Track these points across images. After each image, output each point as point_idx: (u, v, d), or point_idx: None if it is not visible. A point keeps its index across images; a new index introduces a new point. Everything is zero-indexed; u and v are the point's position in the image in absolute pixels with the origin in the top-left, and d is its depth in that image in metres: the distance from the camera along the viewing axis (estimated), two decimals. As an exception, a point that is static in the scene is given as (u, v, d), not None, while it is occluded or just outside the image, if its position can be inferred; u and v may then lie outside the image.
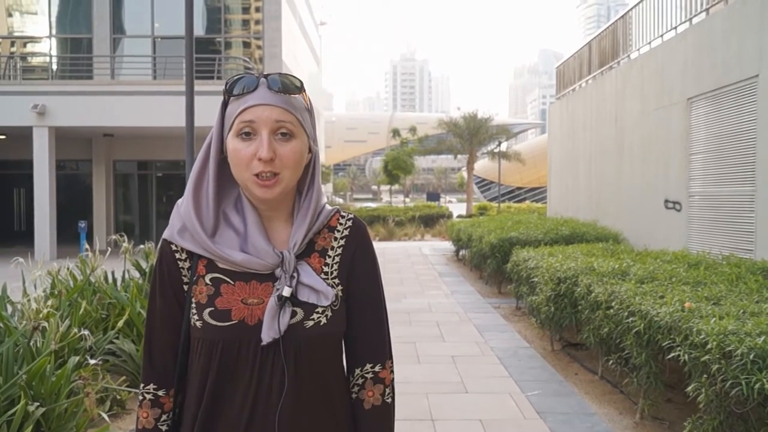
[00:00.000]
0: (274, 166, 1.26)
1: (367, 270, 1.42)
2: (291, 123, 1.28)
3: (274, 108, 1.27)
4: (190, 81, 9.69)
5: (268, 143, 1.25)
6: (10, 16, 21.00)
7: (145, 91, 16.57)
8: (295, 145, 1.28)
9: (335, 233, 1.41)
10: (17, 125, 16.54)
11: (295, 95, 1.30)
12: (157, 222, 20.89)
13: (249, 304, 1.30)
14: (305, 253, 1.37)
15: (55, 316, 4.61)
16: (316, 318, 1.31)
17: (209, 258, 1.33)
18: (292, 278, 1.31)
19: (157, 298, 1.39)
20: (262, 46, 20.07)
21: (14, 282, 5.76)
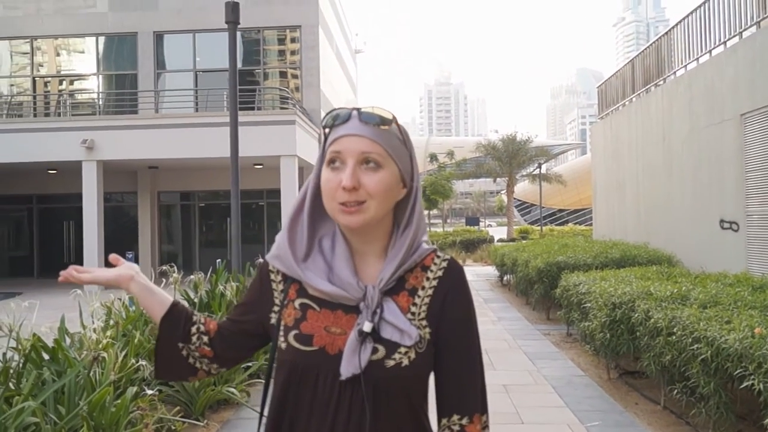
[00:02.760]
0: (358, 195, 1.27)
1: (459, 315, 1.37)
2: (378, 154, 1.28)
3: (361, 138, 1.28)
4: (234, 113, 9.82)
5: (352, 172, 1.26)
6: (59, 56, 21.64)
7: (187, 124, 16.85)
8: (381, 176, 1.28)
9: (428, 273, 1.37)
10: (67, 160, 16.94)
11: (385, 127, 1.30)
12: (199, 251, 21.10)
13: (332, 332, 1.31)
14: (394, 290, 1.34)
15: (113, 346, 4.63)
16: (398, 358, 1.28)
17: (301, 283, 1.37)
18: (375, 314, 1.29)
19: (243, 303, 1.48)
20: (299, 76, 20.28)
21: (68, 312, 5.81)
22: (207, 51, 20.36)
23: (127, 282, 1.48)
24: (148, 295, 1.49)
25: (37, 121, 18.48)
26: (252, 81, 20.51)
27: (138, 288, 1.48)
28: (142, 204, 20.66)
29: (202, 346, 1.47)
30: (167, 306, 1.48)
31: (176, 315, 1.48)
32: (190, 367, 1.49)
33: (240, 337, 1.47)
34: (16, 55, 21.48)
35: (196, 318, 1.49)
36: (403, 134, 1.34)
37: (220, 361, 1.50)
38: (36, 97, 21.63)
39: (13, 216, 22.38)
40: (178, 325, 1.47)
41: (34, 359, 4.49)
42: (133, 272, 1.50)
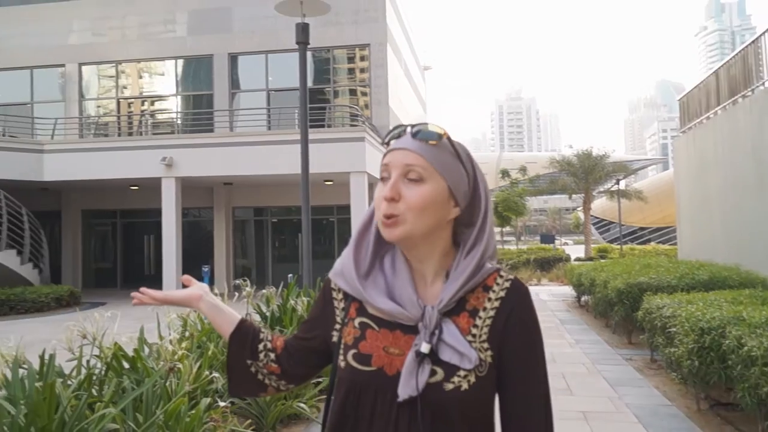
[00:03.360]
0: (396, 208, 1.27)
1: (523, 338, 1.32)
2: (421, 167, 1.27)
3: (406, 152, 1.28)
4: (304, 130, 9.94)
5: (393, 184, 1.27)
6: (141, 78, 22.53)
7: (260, 141, 17.18)
8: (422, 190, 1.27)
9: (489, 293, 1.33)
10: (148, 177, 17.55)
11: (433, 142, 1.28)
12: (272, 266, 21.43)
13: (390, 353, 1.29)
14: (454, 311, 1.31)
15: (188, 357, 4.72)
16: (457, 381, 1.25)
17: (361, 302, 1.36)
18: (433, 335, 1.26)
19: (307, 320, 1.49)
20: (368, 94, 20.43)
21: (147, 323, 5.96)
22: (279, 71, 20.79)
23: (196, 301, 1.53)
24: (217, 314, 1.53)
25: (120, 140, 19.26)
26: (322, 99, 20.79)
27: (207, 307, 1.53)
28: (217, 219, 21.18)
29: (269, 363, 1.49)
30: (235, 324, 1.52)
31: (244, 333, 1.51)
32: (260, 383, 1.51)
33: (305, 354, 1.48)
34: (103, 78, 22.48)
35: (263, 335, 1.51)
36: (459, 152, 1.32)
37: (288, 378, 1.51)
38: (120, 118, 22.55)
39: (99, 230, 23.34)
40: (245, 343, 1.50)
41: (115, 367, 4.63)
42: (202, 292, 1.54)
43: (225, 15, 21.03)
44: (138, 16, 21.66)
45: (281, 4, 10.20)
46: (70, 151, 18.10)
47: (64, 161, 17.95)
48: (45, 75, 22.19)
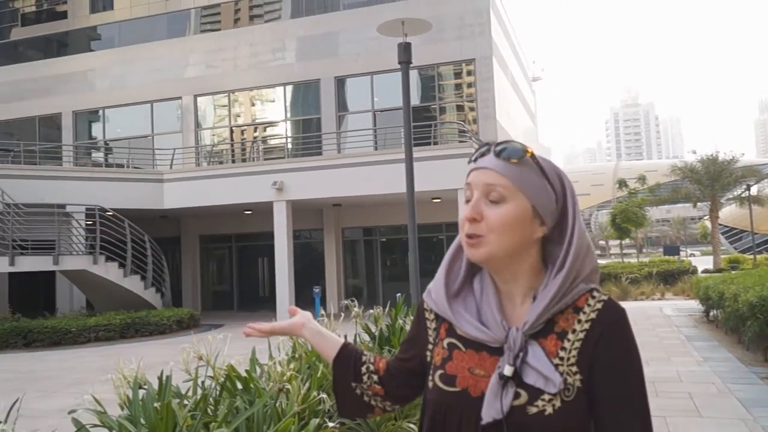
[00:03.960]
0: (478, 228, 1.26)
1: (616, 361, 1.24)
2: (503, 187, 1.25)
3: (487, 171, 1.27)
4: (408, 149, 9.92)
5: (474, 204, 1.26)
6: (253, 106, 23.41)
7: (367, 162, 17.35)
8: (504, 210, 1.25)
9: (580, 315, 1.27)
10: (260, 201, 18.11)
11: (515, 160, 1.26)
12: (382, 285, 21.53)
13: (475, 374, 1.28)
14: (541, 333, 1.27)
15: (297, 378, 4.76)
16: (541, 405, 1.20)
17: (450, 322, 1.36)
18: (517, 357, 1.24)
19: (405, 341, 1.51)
20: (475, 108, 20.24)
21: (259, 345, 6.09)
22: (384, 91, 20.99)
23: (300, 329, 1.59)
24: (320, 339, 1.59)
25: (234, 166, 20.02)
26: (429, 116, 20.78)
27: (310, 333, 1.59)
28: (327, 240, 21.55)
29: (372, 385, 1.51)
30: (338, 348, 1.56)
31: (346, 356, 1.55)
32: (366, 404, 1.53)
33: (406, 374, 1.48)
34: (217, 107, 23.53)
35: (365, 358, 1.54)
36: (545, 169, 1.28)
37: (392, 399, 1.52)
38: (233, 145, 23.49)
39: (216, 254, 24.34)
40: (348, 366, 1.53)
41: (228, 388, 4.74)
42: (305, 320, 1.60)
43: (331, 40, 21.53)
44: (248, 47, 22.56)
45: (383, 25, 10.29)
46: (187, 179, 19.04)
47: (182, 189, 18.89)
48: (164, 108, 23.51)
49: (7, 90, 25.30)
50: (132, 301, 16.59)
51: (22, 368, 11.69)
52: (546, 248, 1.32)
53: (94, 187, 18.24)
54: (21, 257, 15.45)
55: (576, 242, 1.27)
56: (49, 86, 24.75)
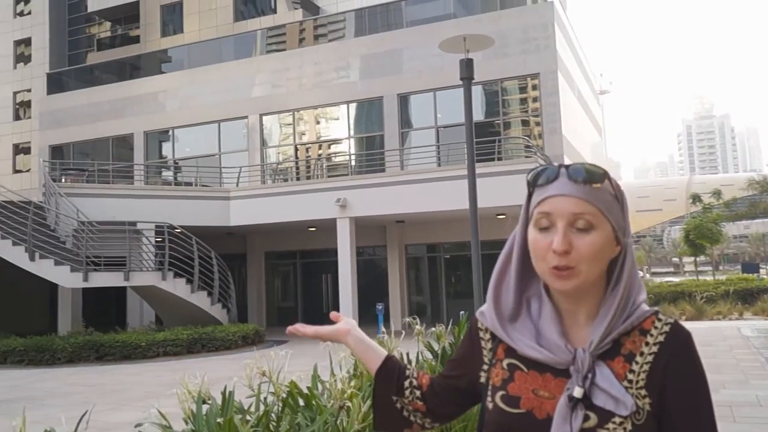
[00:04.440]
0: (569, 260, 1.22)
1: (685, 386, 1.23)
2: (590, 214, 1.22)
3: (571, 199, 1.23)
4: (471, 165, 9.81)
5: (563, 235, 1.22)
6: (318, 124, 23.71)
7: (430, 178, 17.28)
8: (594, 238, 1.22)
9: (647, 337, 1.26)
10: (324, 218, 18.27)
11: (597, 185, 1.23)
12: (447, 303, 21.33)
13: (539, 396, 1.27)
14: (608, 355, 1.25)
15: (357, 396, 4.74)
16: (612, 428, 1.19)
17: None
18: (586, 379, 1.22)
19: (453, 359, 1.49)
20: (540, 123, 19.95)
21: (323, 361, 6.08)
22: (447, 107, 20.91)
23: (344, 336, 1.57)
24: (364, 349, 1.57)
25: (298, 184, 20.26)
26: (493, 132, 20.58)
27: (354, 341, 1.57)
28: (390, 257, 21.52)
29: (414, 400, 1.50)
30: (382, 359, 1.54)
31: (390, 369, 1.53)
32: (405, 419, 1.51)
33: (451, 392, 1.47)
34: (283, 126, 23.92)
35: (409, 372, 1.53)
36: (615, 189, 1.26)
37: (432, 416, 1.50)
38: (298, 163, 23.81)
39: (281, 270, 24.64)
40: (391, 379, 1.51)
41: (290, 404, 4.75)
42: (350, 327, 1.58)
43: (394, 57, 21.62)
44: (313, 66, 22.88)
45: (445, 42, 10.26)
46: (253, 196, 19.38)
47: (248, 206, 19.22)
48: (230, 127, 24.03)
49: (84, 112, 26.35)
50: (199, 317, 16.91)
51: (93, 381, 12.03)
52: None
53: (164, 204, 18.77)
54: (94, 273, 15.96)
55: (630, 258, 1.26)
56: (123, 108, 25.67)
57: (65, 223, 17.29)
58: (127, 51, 32.73)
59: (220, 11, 31.64)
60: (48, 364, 14.13)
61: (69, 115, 26.69)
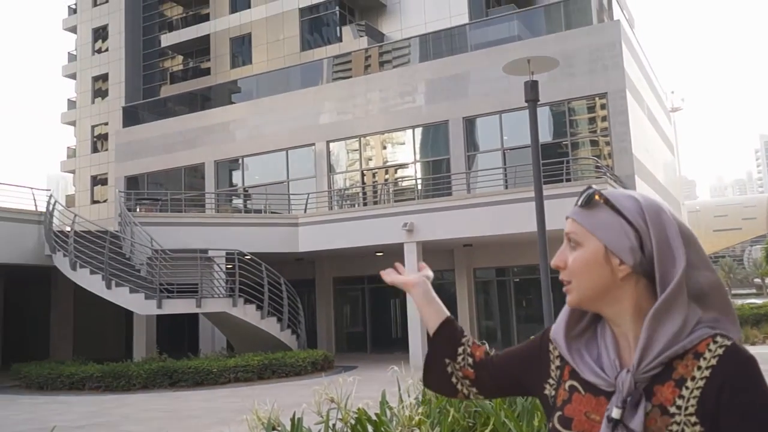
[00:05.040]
0: (564, 274, 1.33)
1: (743, 414, 1.15)
2: (576, 233, 1.32)
3: (568, 220, 1.35)
4: (538, 187, 9.64)
5: (559, 252, 1.34)
6: (384, 149, 23.83)
7: (498, 201, 17.10)
8: (577, 254, 1.30)
9: (700, 361, 1.21)
10: (391, 243, 18.27)
11: (592, 207, 1.31)
12: (517, 327, 20.93)
13: (590, 419, 1.27)
14: (659, 379, 1.22)
15: (426, 423, 4.66)
16: None
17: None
18: (626, 400, 1.21)
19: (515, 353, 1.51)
20: (610, 143, 19.51)
21: (392, 387, 6.01)
22: (513, 129, 20.71)
23: (411, 286, 1.64)
24: (426, 304, 1.61)
25: (365, 209, 20.36)
26: (561, 153, 20.24)
27: (418, 294, 1.62)
28: (459, 281, 21.31)
29: (465, 367, 1.54)
30: (442, 318, 1.59)
31: (448, 330, 1.58)
32: (452, 385, 1.56)
33: (501, 374, 1.51)
34: (349, 152, 24.15)
35: (465, 339, 1.56)
36: (621, 209, 1.29)
37: (479, 386, 1.54)
38: (364, 188, 23.95)
39: (349, 295, 24.71)
40: (448, 342, 1.56)
41: (359, 431, 4.69)
42: (420, 280, 1.64)
43: (459, 81, 21.60)
44: (378, 92, 23.08)
45: (509, 65, 10.21)
46: (321, 222, 19.57)
47: (316, 232, 19.41)
48: (298, 154, 24.41)
49: (158, 143, 27.27)
50: (269, 343, 17.08)
51: (167, 407, 12.25)
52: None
53: (234, 232, 19.15)
54: (167, 300, 16.35)
55: (674, 284, 1.23)
56: (194, 138, 26.44)
57: (140, 252, 17.82)
58: (199, 83, 33.85)
59: (287, 42, 32.39)
60: (124, 390, 14.48)
61: (143, 147, 27.67)
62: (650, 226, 1.28)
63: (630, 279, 1.28)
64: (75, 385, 14.83)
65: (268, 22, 33.14)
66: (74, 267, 16.49)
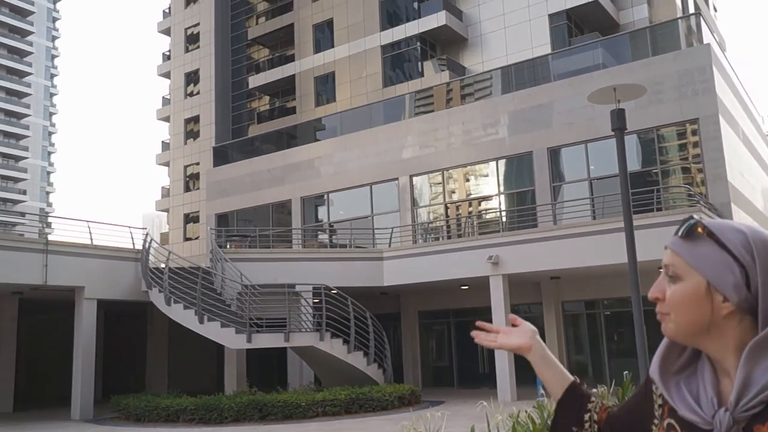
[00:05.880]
0: (662, 307, 1.28)
1: None
2: (675, 265, 1.26)
3: (667, 251, 1.29)
4: (627, 217, 9.38)
5: (656, 283, 1.29)
6: (467, 181, 23.78)
7: (585, 232, 16.76)
8: (677, 288, 1.25)
9: None
10: (476, 276, 18.13)
11: (694, 239, 1.25)
12: (609, 362, 20.21)
13: None
14: (759, 419, 1.16)
15: None
16: None
17: None
18: None
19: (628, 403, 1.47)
20: (703, 170, 18.79)
21: (480, 423, 5.92)
22: (600, 158, 20.27)
23: (527, 351, 1.59)
24: (545, 368, 1.57)
25: (449, 242, 20.30)
26: (651, 181, 19.63)
27: (535, 359, 1.58)
28: (546, 314, 20.83)
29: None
30: (566, 384, 1.54)
31: (573, 398, 1.53)
32: None
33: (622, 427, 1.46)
34: (432, 185, 24.22)
35: (591, 405, 1.52)
36: (726, 243, 1.23)
37: None
38: (448, 221, 23.91)
39: (435, 329, 24.54)
40: (574, 409, 1.52)
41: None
42: (533, 341, 1.59)
43: (542, 112, 21.39)
44: (461, 125, 23.11)
45: (594, 94, 10.05)
46: (405, 256, 19.64)
47: (401, 266, 19.47)
48: (382, 189, 24.65)
49: (247, 181, 28.15)
50: (356, 377, 17.12)
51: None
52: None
53: (320, 266, 19.46)
54: (257, 335, 16.70)
55: (764, 314, 1.18)
56: (281, 175, 27.15)
57: (230, 287, 18.34)
58: (285, 122, 34.88)
59: (369, 79, 33.00)
60: (216, 423, 14.80)
61: (233, 185, 28.62)
62: (757, 261, 1.21)
63: (733, 316, 1.22)
64: (170, 417, 15.27)
65: (351, 61, 33.91)
66: (169, 302, 17.11)
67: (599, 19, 29.36)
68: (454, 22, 31.11)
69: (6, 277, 16.28)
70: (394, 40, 32.58)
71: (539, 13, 29.45)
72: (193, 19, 42.56)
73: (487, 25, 31.21)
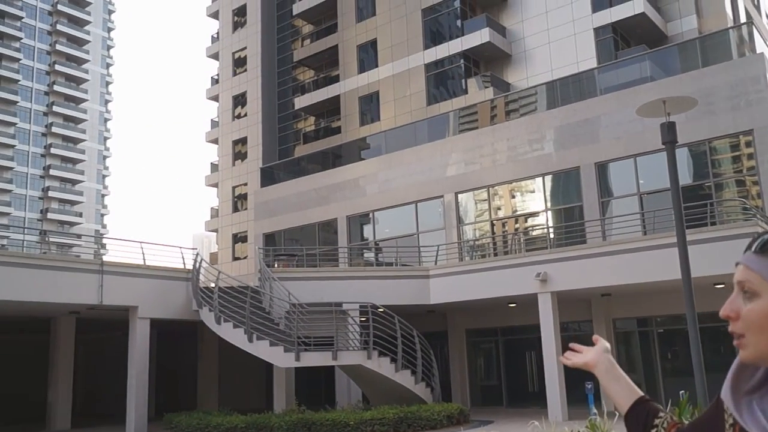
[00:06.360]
0: (736, 326, 1.22)
1: None
2: (751, 281, 1.21)
3: (740, 266, 1.24)
4: (680, 232, 9.17)
5: (729, 301, 1.24)
6: (513, 198, 23.59)
7: (636, 248, 16.46)
8: (755, 306, 1.19)
9: None
10: (524, 293, 17.92)
11: (761, 253, 1.21)
12: (663, 381, 19.67)
13: None
14: None
15: None
16: None
17: None
18: None
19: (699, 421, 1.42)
20: (759, 182, 18.27)
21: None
22: (650, 172, 19.90)
23: (592, 366, 1.63)
24: (612, 382, 1.58)
25: (496, 260, 20.13)
26: (704, 195, 19.16)
27: (601, 373, 1.60)
28: (597, 332, 20.36)
29: None
30: (633, 398, 1.55)
31: (640, 412, 1.52)
32: None
33: None
34: (478, 202, 24.09)
35: (658, 420, 1.50)
36: None
37: None
38: (494, 238, 23.72)
39: (483, 348, 24.27)
40: (639, 423, 1.51)
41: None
42: (600, 357, 1.63)
43: (589, 126, 21.13)
44: (506, 141, 22.99)
45: (643, 107, 9.91)
46: (451, 274, 19.54)
47: (447, 284, 19.37)
48: (427, 207, 24.64)
49: (293, 201, 28.47)
50: (403, 396, 17.04)
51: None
52: None
53: (367, 285, 19.49)
54: (305, 353, 16.78)
55: None
56: (327, 195, 27.37)
57: (278, 306, 18.50)
58: (330, 142, 35.21)
59: (413, 97, 33.12)
60: (266, 441, 14.88)
61: (280, 205, 28.97)
62: None
63: None
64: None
65: (395, 80, 34.10)
66: (219, 321, 17.34)
67: (647, 32, 28.94)
68: (497, 39, 31.05)
69: (63, 297, 16.73)
70: (437, 58, 32.66)
71: (584, 27, 29.18)
72: (241, 43, 43.44)
73: (531, 40, 31.05)
